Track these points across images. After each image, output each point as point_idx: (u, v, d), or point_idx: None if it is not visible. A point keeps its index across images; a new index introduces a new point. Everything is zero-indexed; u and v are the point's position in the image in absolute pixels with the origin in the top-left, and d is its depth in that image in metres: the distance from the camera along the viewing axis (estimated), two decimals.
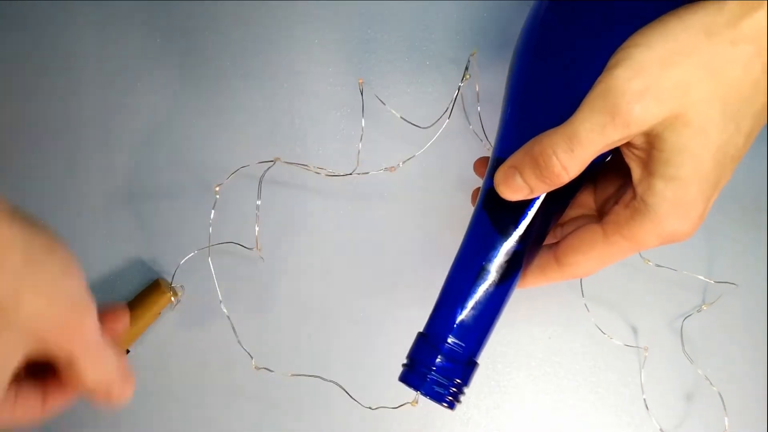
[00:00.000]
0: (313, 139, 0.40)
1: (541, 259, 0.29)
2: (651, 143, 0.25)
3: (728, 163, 0.25)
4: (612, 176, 0.30)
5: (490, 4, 0.40)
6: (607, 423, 0.39)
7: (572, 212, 0.31)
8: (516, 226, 0.28)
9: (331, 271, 0.39)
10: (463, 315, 0.28)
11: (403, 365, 0.28)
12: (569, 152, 0.24)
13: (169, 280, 0.38)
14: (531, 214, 0.28)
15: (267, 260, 0.39)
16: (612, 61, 0.24)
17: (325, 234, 0.39)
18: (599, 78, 0.24)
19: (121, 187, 0.39)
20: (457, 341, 0.28)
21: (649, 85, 0.23)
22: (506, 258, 0.28)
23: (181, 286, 0.38)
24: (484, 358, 0.39)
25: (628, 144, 0.25)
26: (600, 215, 0.30)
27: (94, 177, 0.39)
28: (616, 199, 0.29)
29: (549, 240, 0.30)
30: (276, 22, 0.40)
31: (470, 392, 0.39)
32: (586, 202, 0.31)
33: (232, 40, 0.40)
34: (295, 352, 0.38)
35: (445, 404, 0.27)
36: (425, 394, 0.27)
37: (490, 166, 0.30)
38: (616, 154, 0.29)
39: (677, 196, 0.25)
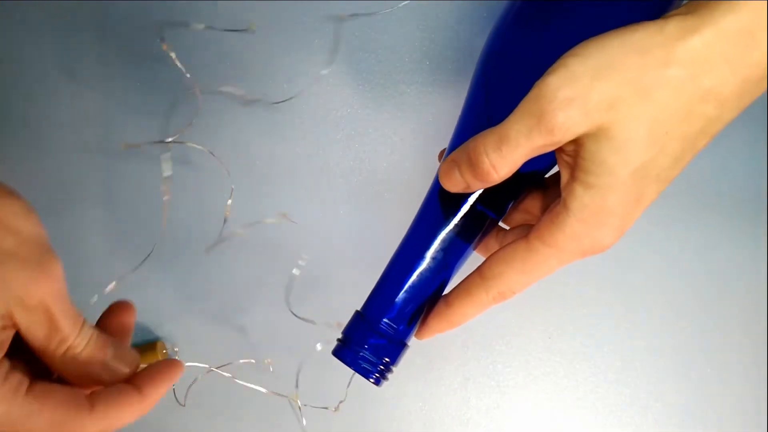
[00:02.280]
0: (316, 137, 0.40)
1: (467, 281, 0.29)
2: (577, 151, 0.25)
3: (651, 183, 0.25)
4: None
5: (491, 4, 0.40)
6: (606, 423, 0.39)
7: (517, 216, 0.32)
8: (455, 217, 0.29)
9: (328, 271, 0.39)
10: (400, 298, 0.29)
11: (338, 340, 0.30)
12: (498, 152, 0.25)
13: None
14: (466, 207, 0.29)
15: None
16: (550, 69, 0.24)
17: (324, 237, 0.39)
18: (535, 83, 0.25)
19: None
20: (390, 323, 0.29)
21: (577, 95, 0.24)
22: (444, 247, 0.29)
23: (176, 350, 0.38)
24: (484, 358, 0.39)
25: (560, 149, 0.26)
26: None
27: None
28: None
29: (491, 245, 0.31)
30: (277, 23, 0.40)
31: (470, 392, 0.39)
32: (531, 208, 0.31)
33: (231, 41, 0.40)
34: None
35: (371, 380, 0.29)
36: (355, 370, 0.29)
37: (446, 154, 0.31)
38: None
39: (595, 203, 0.25)
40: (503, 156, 0.25)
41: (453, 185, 0.27)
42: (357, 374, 0.29)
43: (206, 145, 0.38)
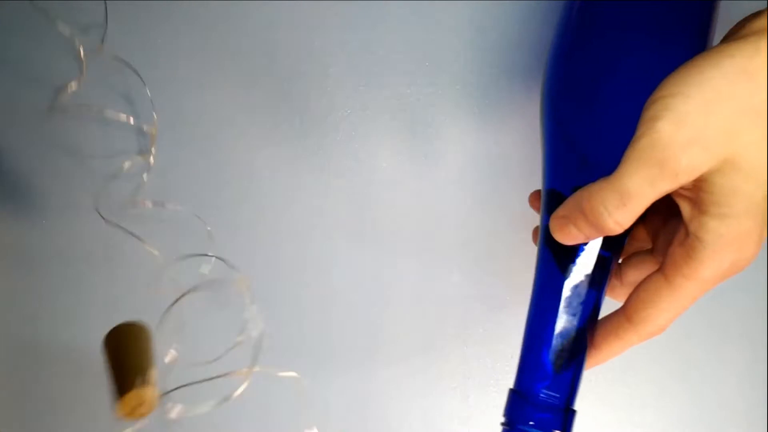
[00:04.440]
0: (316, 139, 0.40)
1: (612, 323, 0.29)
2: (698, 186, 0.25)
3: None
4: (658, 206, 0.30)
5: (491, 5, 0.40)
6: (606, 422, 0.39)
7: (628, 247, 0.32)
8: (581, 261, 0.28)
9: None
10: (551, 362, 0.28)
11: (501, 424, 0.28)
12: (621, 208, 0.25)
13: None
14: (587, 255, 0.28)
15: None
16: (650, 113, 0.24)
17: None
18: (640, 130, 0.24)
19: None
20: (549, 392, 0.28)
21: (695, 135, 0.24)
22: (576, 299, 0.28)
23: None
24: (484, 358, 0.39)
25: None
26: (654, 247, 0.31)
27: None
28: (667, 233, 0.29)
29: (613, 284, 0.31)
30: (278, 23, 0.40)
31: (470, 392, 0.39)
32: (638, 234, 0.32)
33: (232, 41, 0.40)
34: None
35: None
36: None
37: (544, 200, 0.31)
38: None
39: (731, 232, 0.25)
40: (627, 211, 0.25)
41: (570, 239, 0.28)
42: None
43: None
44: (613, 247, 0.29)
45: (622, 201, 0.25)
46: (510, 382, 0.38)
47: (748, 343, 0.39)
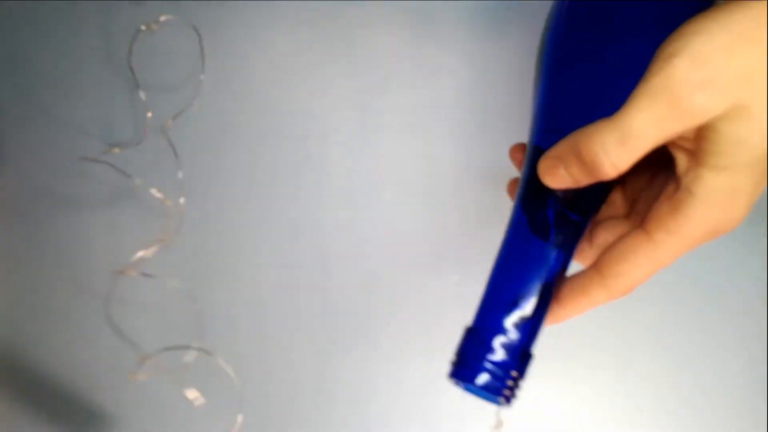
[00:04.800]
0: (317, 138, 0.40)
1: (581, 278, 0.27)
2: (701, 134, 0.24)
3: None
4: (640, 169, 0.29)
5: (490, 5, 0.40)
6: (606, 422, 0.39)
7: (601, 211, 0.30)
8: (557, 216, 0.27)
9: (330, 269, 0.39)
10: (515, 307, 0.27)
11: (452, 362, 0.27)
12: (621, 147, 0.23)
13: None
14: (560, 213, 0.27)
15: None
16: (669, 50, 0.23)
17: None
18: (654, 67, 0.23)
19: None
20: (508, 336, 0.27)
21: (712, 76, 0.22)
22: (548, 256, 0.27)
23: None
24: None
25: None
26: (630, 213, 0.29)
27: None
28: (649, 194, 0.28)
29: (582, 246, 0.29)
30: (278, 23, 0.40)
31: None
32: (614, 198, 0.30)
33: (231, 41, 0.40)
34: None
35: (502, 398, 0.26)
36: (481, 388, 0.26)
37: (528, 155, 0.29)
38: None
39: (726, 185, 0.24)
40: (627, 150, 0.23)
41: (557, 182, 0.26)
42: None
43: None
44: (590, 209, 0.28)
45: (622, 140, 0.23)
46: None
47: (749, 342, 0.39)
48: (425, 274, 0.39)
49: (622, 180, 0.29)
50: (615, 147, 0.23)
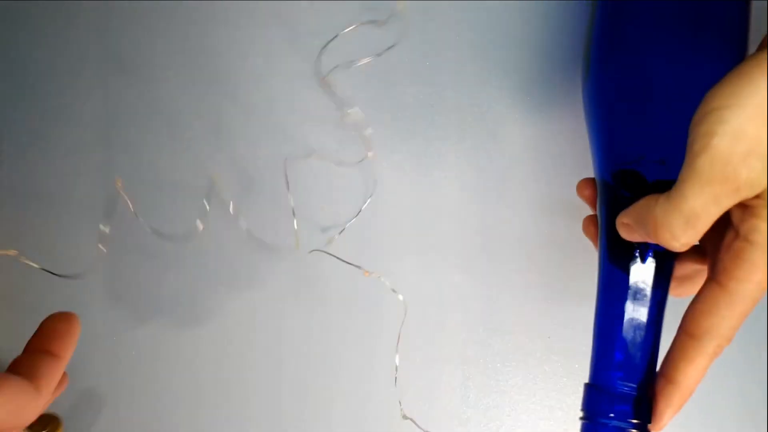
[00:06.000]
0: (315, 138, 0.40)
1: (676, 348, 0.28)
2: None
3: None
4: None
5: (489, 5, 0.40)
6: None
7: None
8: (646, 258, 0.29)
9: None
10: (624, 357, 0.29)
11: (581, 419, 0.29)
12: (689, 231, 0.25)
13: None
14: (644, 259, 0.29)
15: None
16: (704, 128, 0.24)
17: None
18: (696, 146, 0.24)
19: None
20: (624, 382, 0.28)
21: (752, 147, 0.23)
22: (648, 289, 0.29)
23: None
24: (484, 358, 0.39)
25: None
26: (702, 246, 0.31)
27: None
28: (713, 236, 0.29)
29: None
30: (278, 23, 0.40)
31: (469, 392, 0.39)
32: None
33: (230, 42, 0.40)
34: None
35: None
36: None
37: (600, 191, 0.31)
38: None
39: None
40: (696, 233, 0.25)
41: (635, 239, 0.28)
42: None
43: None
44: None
45: (688, 224, 0.25)
46: (510, 382, 0.39)
47: (749, 341, 0.39)
48: (425, 274, 0.39)
49: None
50: (682, 230, 0.25)
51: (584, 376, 0.38)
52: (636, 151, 0.30)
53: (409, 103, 0.40)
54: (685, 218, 0.25)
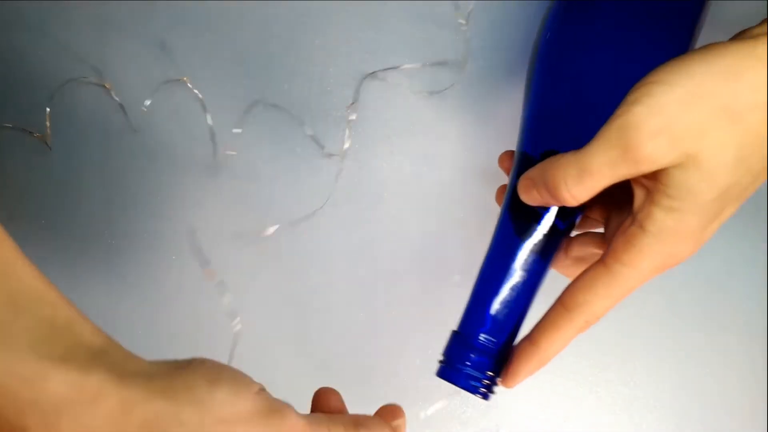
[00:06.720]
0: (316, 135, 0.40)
1: (549, 315, 0.29)
2: (656, 176, 0.25)
3: (732, 201, 0.25)
4: (616, 191, 0.30)
5: (488, 5, 0.40)
6: (605, 423, 0.39)
7: (583, 224, 0.32)
8: (537, 226, 0.30)
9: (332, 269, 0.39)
10: (494, 313, 0.30)
11: (440, 362, 0.31)
12: (579, 184, 0.25)
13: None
14: (549, 216, 0.30)
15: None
16: (631, 96, 0.24)
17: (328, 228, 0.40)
18: (617, 111, 0.25)
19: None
20: (488, 337, 0.30)
21: (666, 126, 0.24)
22: (525, 257, 0.30)
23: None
24: None
25: None
26: (605, 231, 0.31)
27: None
28: (618, 220, 0.29)
29: (560, 256, 0.32)
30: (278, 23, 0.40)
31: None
32: (594, 214, 0.32)
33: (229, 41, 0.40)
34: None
35: (479, 395, 0.29)
36: (462, 387, 0.29)
37: (515, 162, 0.32)
38: None
39: (676, 226, 0.25)
40: (585, 187, 0.25)
41: (531, 201, 0.29)
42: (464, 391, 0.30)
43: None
44: (567, 221, 0.30)
45: (580, 177, 0.25)
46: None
47: (749, 341, 0.39)
48: (425, 275, 0.39)
49: (603, 197, 0.31)
50: (574, 181, 0.25)
51: (584, 377, 0.39)
52: (562, 137, 0.30)
53: None
54: (578, 171, 0.25)
